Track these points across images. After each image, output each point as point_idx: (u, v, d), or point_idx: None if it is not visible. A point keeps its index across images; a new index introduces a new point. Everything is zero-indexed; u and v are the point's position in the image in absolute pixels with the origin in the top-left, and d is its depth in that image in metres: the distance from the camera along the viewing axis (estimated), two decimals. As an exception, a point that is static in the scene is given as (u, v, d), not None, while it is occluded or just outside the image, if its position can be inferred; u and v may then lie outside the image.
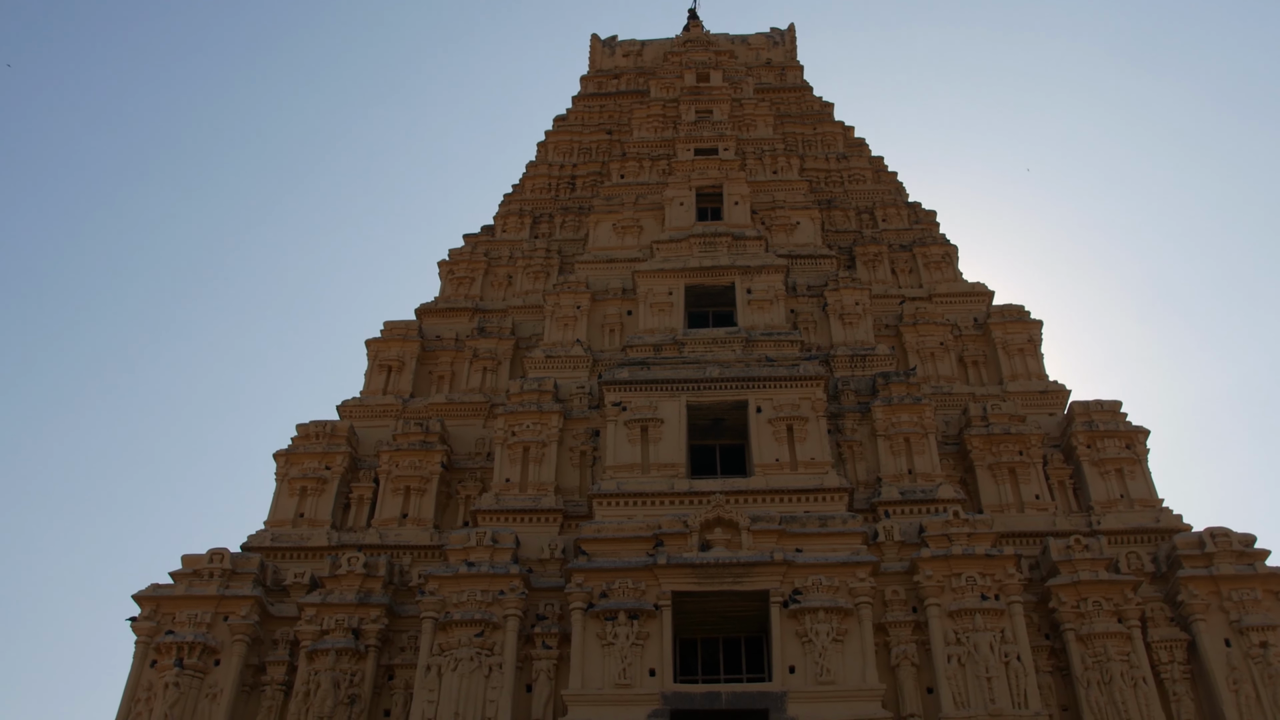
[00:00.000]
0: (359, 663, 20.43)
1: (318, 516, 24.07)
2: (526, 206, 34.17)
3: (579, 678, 19.10)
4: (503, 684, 19.23)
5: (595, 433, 24.25)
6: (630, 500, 21.94)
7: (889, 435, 23.64)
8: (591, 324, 27.77)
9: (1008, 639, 19.47)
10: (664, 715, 18.58)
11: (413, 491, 24.26)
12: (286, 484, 24.59)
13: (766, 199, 31.76)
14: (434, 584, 20.47)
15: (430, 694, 19.17)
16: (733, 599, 20.18)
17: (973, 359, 28.13)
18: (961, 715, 18.55)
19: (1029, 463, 24.12)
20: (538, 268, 30.93)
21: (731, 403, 23.71)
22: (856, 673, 19.06)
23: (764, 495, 21.92)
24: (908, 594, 20.49)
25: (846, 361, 26.14)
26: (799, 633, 19.56)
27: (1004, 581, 20.12)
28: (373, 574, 21.51)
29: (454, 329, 29.56)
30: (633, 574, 20.20)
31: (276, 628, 21.54)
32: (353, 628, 20.71)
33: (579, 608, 19.88)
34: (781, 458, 22.67)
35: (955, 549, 20.37)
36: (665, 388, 23.77)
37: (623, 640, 19.40)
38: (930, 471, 23.00)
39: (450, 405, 26.75)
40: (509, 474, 23.34)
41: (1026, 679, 18.99)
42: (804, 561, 20.20)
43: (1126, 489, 23.87)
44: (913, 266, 31.07)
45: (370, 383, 27.99)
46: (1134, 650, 19.95)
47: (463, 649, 19.57)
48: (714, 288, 27.60)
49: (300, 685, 20.10)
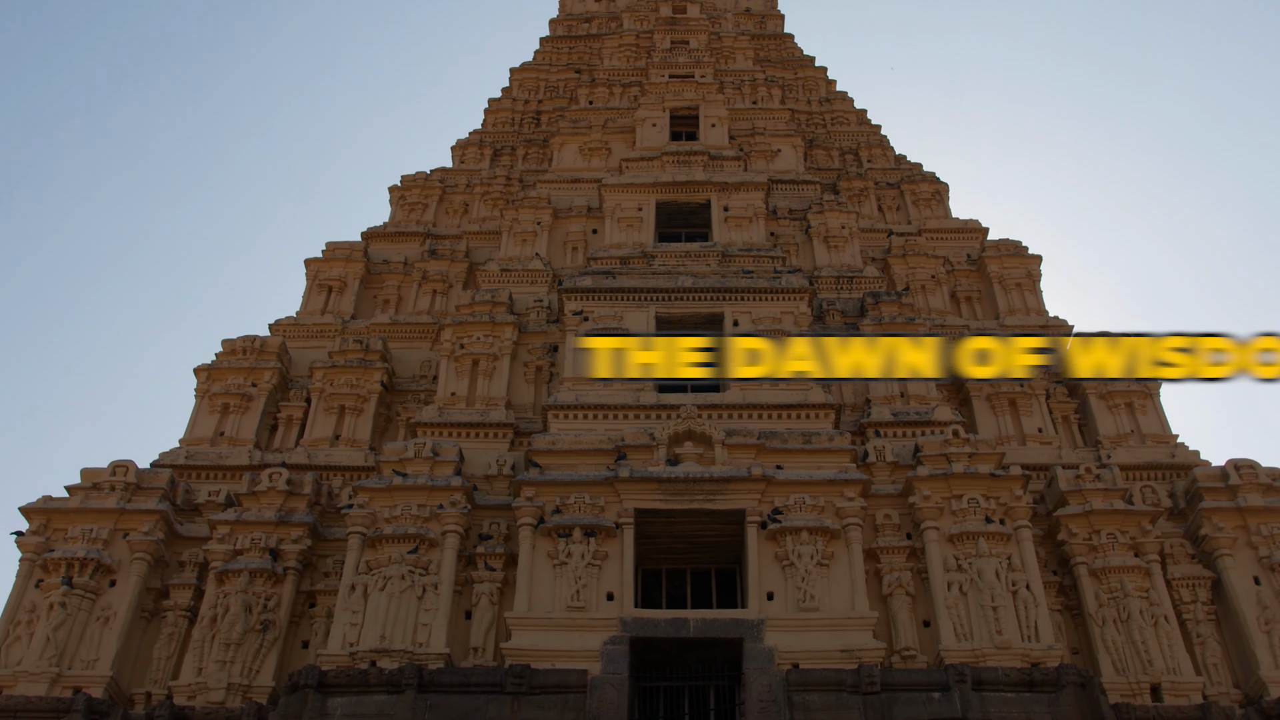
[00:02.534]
0: (275, 586, 17.84)
1: (240, 436, 21.44)
2: (487, 139, 31.59)
3: (525, 599, 16.61)
4: (438, 606, 16.71)
5: (553, 348, 21.78)
6: (590, 413, 19.47)
7: (879, 356, 21.28)
8: (553, 241, 25.30)
9: (1015, 566, 17.16)
10: (623, 643, 16.09)
11: (348, 411, 21.66)
12: (207, 400, 21.94)
13: (746, 125, 29.43)
14: (364, 496, 17.93)
15: (354, 615, 16.63)
16: (703, 520, 17.74)
17: (966, 294, 25.81)
18: (964, 648, 16.19)
19: (1031, 394, 21.82)
20: (496, 195, 28.36)
21: (705, 315, 21.31)
22: (844, 600, 16.67)
23: (740, 410, 19.51)
24: (901, 518, 18.12)
25: (832, 283, 23.81)
26: (779, 556, 17.14)
27: (1010, 505, 17.81)
28: (296, 492, 18.93)
29: (403, 253, 26.98)
30: (591, 488, 17.74)
31: (184, 549, 18.91)
32: (270, 548, 18.12)
33: (528, 524, 17.38)
34: (761, 373, 20.25)
35: (956, 468, 18.03)
36: (632, 297, 21.34)
37: (577, 560, 16.93)
38: (925, 393, 20.68)
39: (395, 326, 24.19)
40: (455, 388, 20.82)
41: (1038, 610, 16.67)
42: (785, 478, 17.81)
43: (1138, 424, 21.59)
44: (900, 204, 28.74)
45: (308, 303, 25.38)
46: (1154, 587, 17.69)
47: (394, 567, 17.03)
48: (688, 205, 25.21)
49: (206, 609, 17.49)
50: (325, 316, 24.65)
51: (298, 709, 15.07)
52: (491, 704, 15.05)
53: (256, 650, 17.12)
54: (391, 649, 16.14)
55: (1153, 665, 16.79)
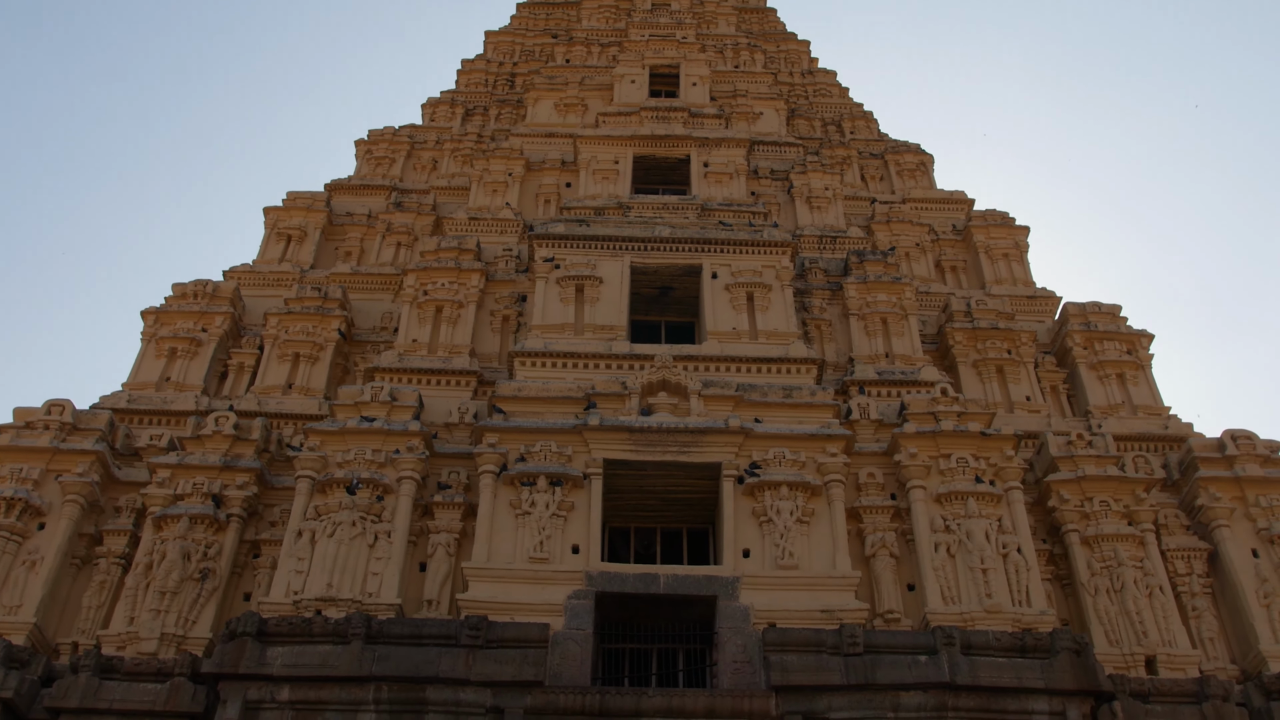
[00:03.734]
0: (217, 534, 16.62)
1: (187, 381, 20.18)
2: (459, 98, 30.39)
3: (485, 550, 15.50)
4: (391, 555, 15.57)
5: (521, 298, 20.67)
6: (559, 361, 18.37)
7: (863, 315, 20.35)
8: (525, 194, 24.19)
9: (1005, 529, 16.20)
10: (588, 598, 15.01)
11: (303, 359, 20.43)
12: (154, 344, 20.68)
13: (727, 88, 28.41)
14: (315, 439, 16.77)
15: (299, 563, 15.47)
16: (676, 474, 16.69)
17: (951, 264, 24.87)
18: (952, 612, 15.21)
19: (1019, 362, 20.88)
20: (467, 152, 27.16)
21: (683, 267, 20.24)
22: (825, 559, 15.66)
23: (718, 363, 18.48)
24: (886, 478, 17.14)
25: (814, 242, 22.83)
26: (756, 512, 16.11)
27: (1001, 466, 16.86)
28: (244, 437, 17.72)
29: (367, 206, 25.75)
30: (558, 436, 16.65)
31: (121, 494, 17.66)
32: (213, 494, 16.90)
33: (490, 471, 16.27)
34: (739, 327, 19.26)
35: (944, 426, 17.07)
36: (607, 245, 20.26)
37: (541, 510, 15.84)
38: (910, 354, 19.73)
39: (356, 276, 22.98)
40: (416, 334, 19.67)
41: (1029, 574, 15.73)
42: (764, 432, 16.78)
43: (1129, 395, 20.69)
44: (884, 174, 27.77)
45: (265, 252, 24.14)
46: (1148, 557, 16.77)
47: (344, 513, 15.90)
48: (667, 160, 24.17)
49: (142, 555, 16.26)
50: (283, 265, 23.43)
51: (234, 658, 13.89)
52: (445, 657, 13.92)
53: (194, 600, 15.91)
54: (339, 598, 15.01)
55: (1147, 637, 15.88)
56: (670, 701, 13.76)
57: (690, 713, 13.75)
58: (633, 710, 13.74)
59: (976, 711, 13.92)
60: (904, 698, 13.92)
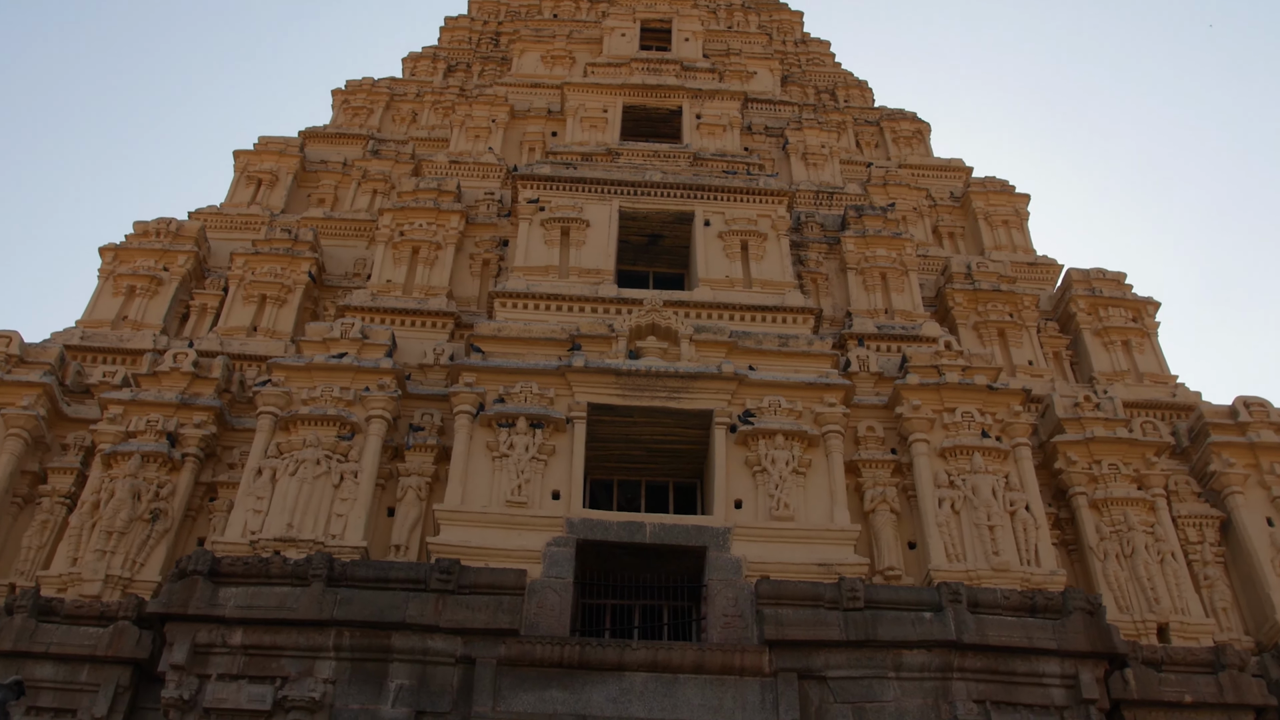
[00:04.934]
0: (171, 473, 15.48)
1: (145, 320, 19.02)
2: (441, 54, 29.25)
3: (458, 493, 14.42)
4: (357, 496, 14.48)
5: (503, 242, 19.60)
6: (541, 303, 17.32)
7: (861, 270, 19.38)
8: (508, 141, 23.14)
9: (1013, 486, 15.26)
10: (568, 545, 13.95)
11: (270, 301, 19.28)
12: (111, 281, 19.50)
13: (720, 47, 27.43)
14: (280, 374, 15.65)
15: (258, 502, 14.35)
16: (665, 421, 15.66)
17: (949, 230, 23.93)
18: (956, 569, 14.25)
19: (1021, 325, 19.95)
20: (448, 104, 26.06)
21: (674, 214, 19.22)
22: (822, 511, 14.67)
23: (710, 309, 17.47)
24: (886, 432, 16.17)
25: (810, 197, 21.86)
26: (749, 462, 15.10)
27: (1008, 421, 15.92)
28: (204, 375, 16.60)
29: (343, 155, 24.60)
30: (539, 377, 15.59)
31: (69, 431, 16.52)
32: (169, 432, 15.76)
33: (466, 412, 15.20)
34: (733, 275, 18.25)
35: (949, 378, 16.11)
36: (595, 189, 19.21)
37: (520, 453, 14.78)
38: (911, 310, 18.76)
39: (329, 221, 21.82)
40: (391, 275, 18.57)
41: (1038, 532, 14.78)
42: (759, 379, 15.79)
43: (1135, 363, 19.80)
44: (880, 141, 26.82)
45: (234, 195, 22.96)
46: (1159, 522, 15.87)
47: (308, 450, 14.79)
48: (658, 111, 23.14)
49: (88, 494, 15.11)
50: (252, 208, 22.27)
51: (183, 598, 12.76)
52: (412, 602, 12.84)
53: (143, 542, 14.78)
54: (300, 539, 13.91)
55: (1159, 604, 14.97)
56: (656, 655, 12.74)
57: (677, 667, 12.74)
58: (615, 663, 12.71)
59: (983, 674, 12.96)
60: (906, 656, 12.95)
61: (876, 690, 12.82)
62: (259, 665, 12.62)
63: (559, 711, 12.40)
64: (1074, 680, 12.97)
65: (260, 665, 12.62)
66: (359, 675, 12.64)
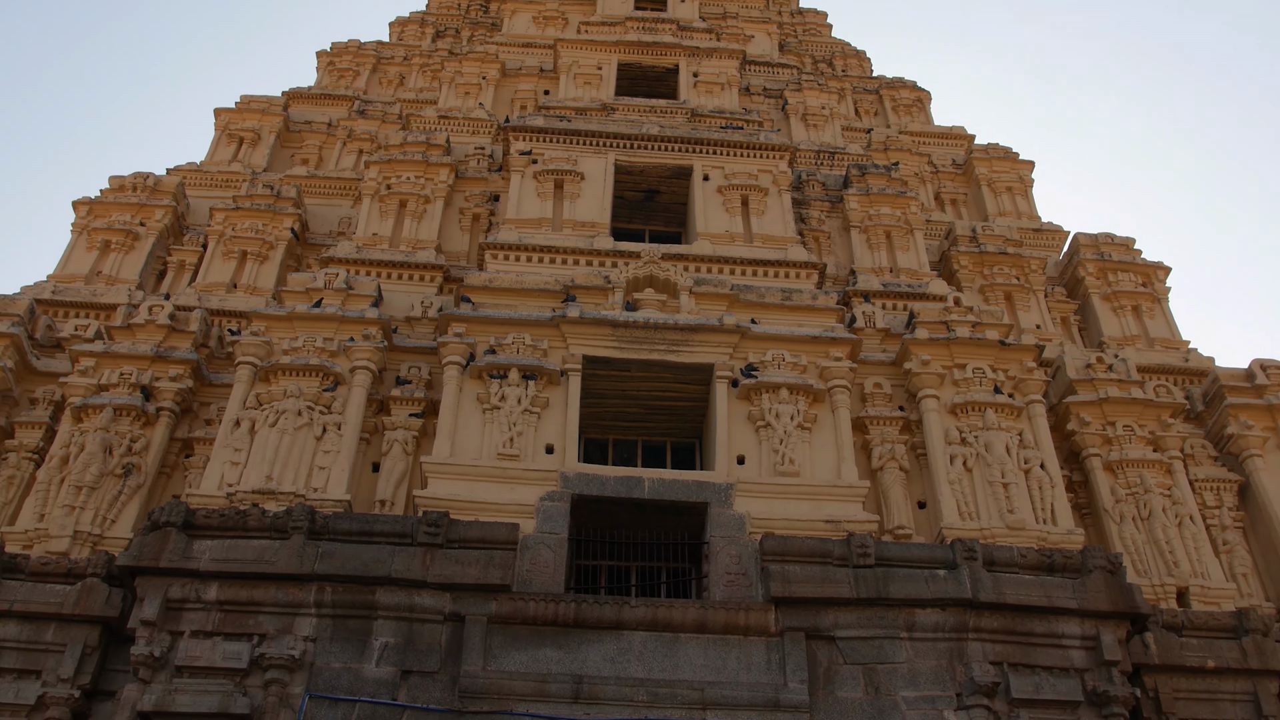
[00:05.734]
0: (145, 428, 14.73)
1: (120, 275, 18.24)
2: (430, 18, 28.45)
3: (447, 445, 13.70)
4: (340, 449, 13.75)
5: (494, 197, 18.87)
6: (534, 255, 16.61)
7: (865, 228, 18.71)
8: (499, 99, 22.41)
9: (1027, 443, 14.61)
10: (563, 500, 13.25)
11: (251, 258, 18.52)
12: (85, 236, 18.72)
13: (717, 10, 26.72)
14: (260, 323, 14.91)
15: (236, 454, 13.61)
16: (663, 376, 14.96)
17: (951, 196, 23.28)
18: (970, 528, 13.59)
19: (1028, 289, 19.29)
20: (436, 67, 25.28)
21: (672, 168, 18.52)
22: (829, 467, 13.99)
23: (710, 263, 16.78)
24: (894, 389, 15.50)
25: (811, 157, 21.16)
26: (753, 416, 14.41)
27: (1021, 378, 15.27)
28: (180, 329, 15.84)
29: (328, 115, 23.84)
30: (532, 328, 14.88)
31: (38, 385, 15.75)
32: (142, 385, 15.00)
33: (455, 363, 14.47)
34: (733, 230, 17.56)
35: (960, 333, 15.45)
36: (590, 141, 18.49)
37: (512, 405, 14.06)
38: (917, 269, 18.10)
39: (313, 179, 21.07)
40: (377, 229, 17.82)
41: (1054, 491, 14.14)
42: (762, 333, 15.10)
43: (1145, 328, 19.20)
44: (879, 109, 26.13)
45: (215, 154, 22.19)
46: (1176, 485, 15.25)
47: (289, 401, 14.05)
48: (654, 70, 22.40)
49: (58, 448, 14.35)
50: (233, 165, 21.49)
51: (155, 550, 12.01)
52: (398, 556, 12.12)
53: (115, 497, 14.03)
54: (279, 491, 13.17)
55: (1179, 568, 14.36)
56: (655, 613, 12.05)
57: (678, 626, 12.05)
58: (613, 621, 12.01)
59: (1000, 634, 12.30)
60: (920, 615, 12.28)
61: (888, 651, 12.16)
62: (235, 622, 11.89)
63: (553, 671, 11.70)
64: (1095, 642, 12.33)
65: (236, 622, 11.89)
66: (341, 633, 11.92)
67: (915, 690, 11.92)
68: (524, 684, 11.56)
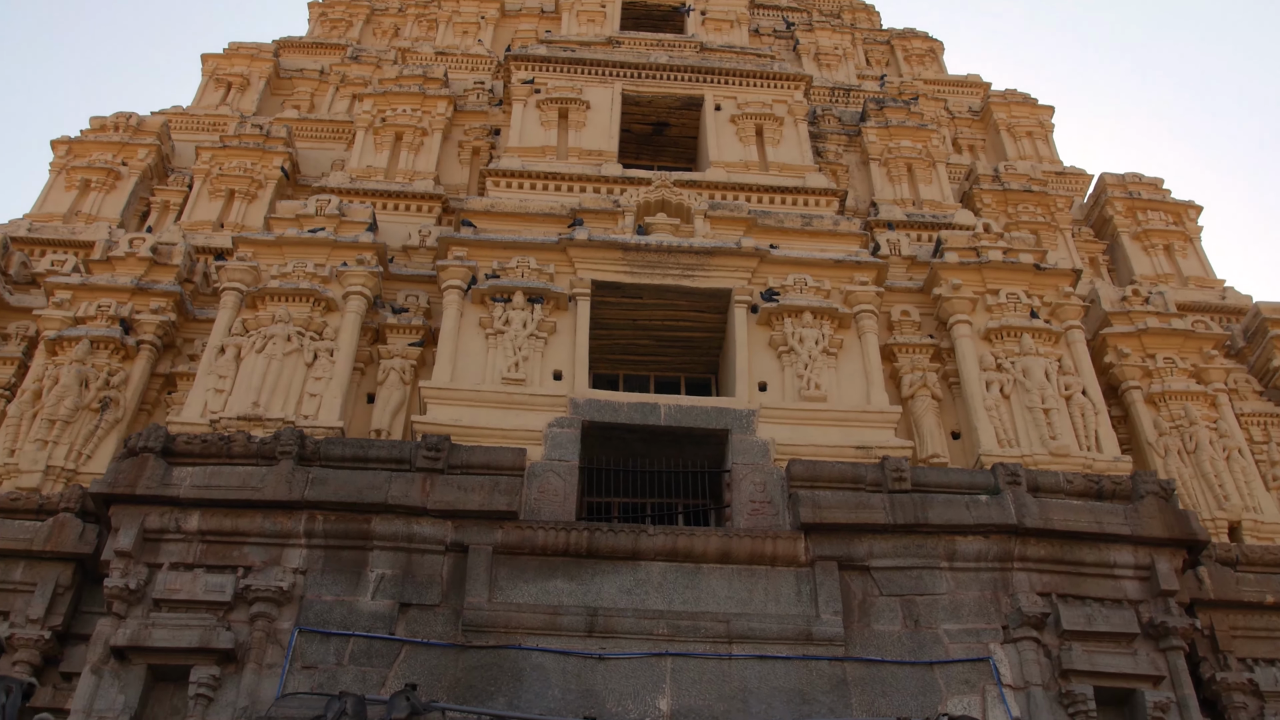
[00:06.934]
0: (124, 361, 13.77)
1: (101, 214, 17.29)
2: (427, -23, 27.48)
3: (447, 370, 12.74)
4: (333, 374, 12.80)
5: (495, 131, 17.91)
6: (539, 181, 15.66)
7: (885, 161, 17.80)
8: (499, 41, 21.46)
9: (1067, 369, 13.67)
10: (573, 426, 12.29)
11: (239, 197, 17.57)
12: (64, 175, 17.77)
13: (722, -44, 25.69)
14: (247, 249, 13.96)
15: (220, 381, 12.65)
16: (678, 303, 14.02)
17: (969, 143, 22.31)
18: (1010, 454, 12.64)
19: (1055, 227, 18.39)
20: (432, 16, 24.26)
21: (682, 98, 17.58)
22: (857, 393, 13.05)
23: (724, 190, 15.84)
24: (923, 317, 14.56)
25: (826, 94, 20.23)
26: (774, 342, 13.47)
27: (1057, 303, 14.34)
28: (163, 262, 14.89)
29: (320, 64, 22.85)
30: (537, 252, 13.92)
31: (11, 320, 14.78)
32: (122, 318, 14.04)
33: (455, 287, 13.51)
34: (748, 159, 16.62)
35: (991, 257, 14.52)
36: (595, 70, 17.55)
37: (517, 328, 13.10)
38: (940, 200, 17.16)
39: (305, 122, 20.09)
40: (372, 161, 16.87)
41: (1098, 418, 13.21)
42: (783, 256, 14.16)
43: (1178, 267, 18.29)
44: (891, 60, 25.17)
45: (202, 99, 21.21)
46: (1222, 418, 14.34)
47: (278, 326, 13.08)
48: (659, 8, 21.47)
49: (30, 382, 13.41)
50: (221, 109, 20.51)
51: (131, 477, 11.05)
52: (395, 481, 11.16)
53: (91, 432, 13.07)
54: (267, 418, 12.22)
55: (1229, 501, 13.44)
56: (675, 542, 11.09)
57: (699, 555, 11.10)
58: (629, 551, 11.06)
59: (1047, 563, 11.36)
60: (961, 544, 11.33)
61: (927, 582, 11.22)
62: (218, 554, 10.93)
63: (565, 603, 10.75)
64: (1149, 571, 11.40)
65: (220, 554, 10.93)
66: (334, 564, 10.96)
67: (958, 623, 10.99)
68: (533, 617, 10.61)
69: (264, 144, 18.26)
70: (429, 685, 10.14)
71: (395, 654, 10.44)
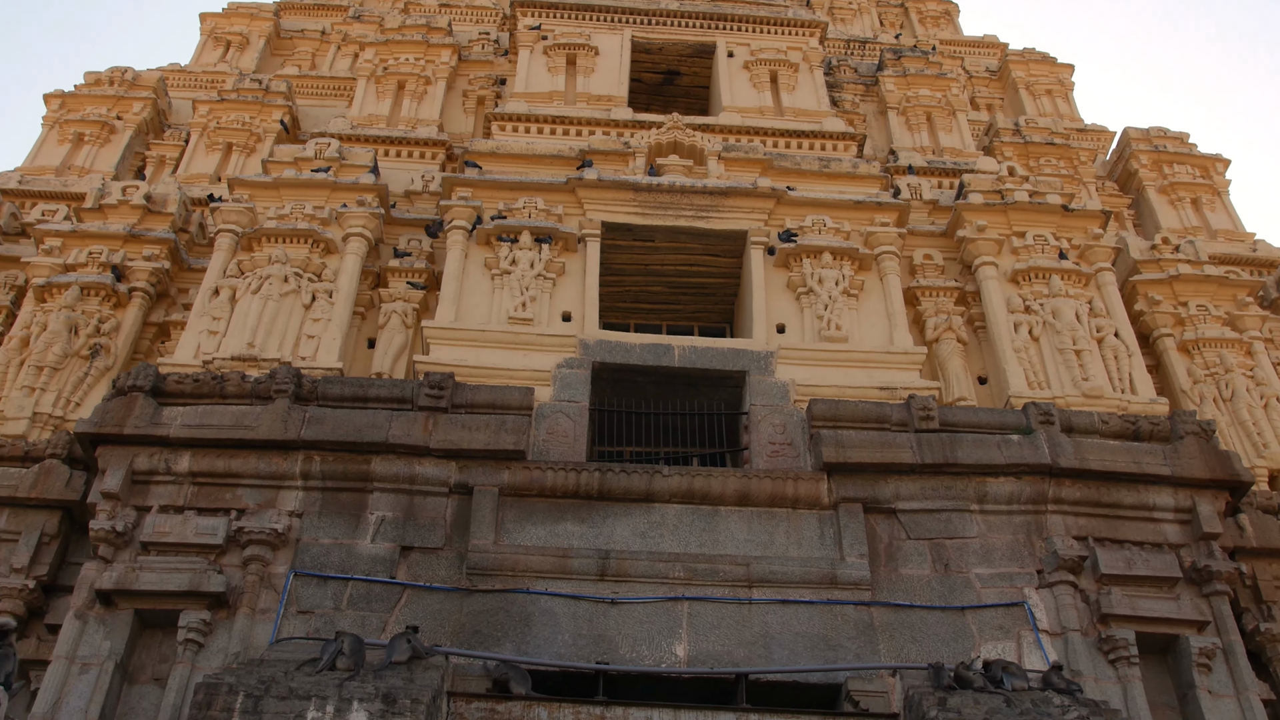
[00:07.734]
0: (115, 308, 13.25)
1: (94, 167, 16.75)
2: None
3: (451, 310, 12.18)
4: (332, 316, 12.24)
5: (501, 81, 17.34)
6: (546, 125, 15.11)
7: (903, 110, 17.24)
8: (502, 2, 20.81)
9: (1098, 311, 13.08)
10: (583, 367, 11.72)
11: (237, 150, 17.05)
12: (57, 129, 17.25)
13: (733, -84, 25.09)
14: (243, 190, 13.40)
15: (214, 323, 12.10)
16: (691, 246, 13.44)
17: (987, 102, 21.69)
18: (1041, 396, 12.05)
19: (1079, 180, 17.77)
20: (438, -20, 23.71)
21: (694, 45, 17.00)
22: (880, 334, 12.47)
23: (738, 134, 15.28)
24: (946, 261, 13.98)
25: (842, 46, 19.63)
26: (793, 283, 12.89)
27: (1086, 245, 13.73)
28: (157, 210, 14.36)
29: (320, 24, 22.30)
30: (545, 193, 13.35)
31: (1, 269, 14.24)
32: (114, 264, 13.50)
33: (460, 227, 12.95)
34: (763, 104, 16.03)
35: (1018, 198, 13.92)
36: (604, 16, 16.97)
37: (525, 268, 12.54)
38: (961, 148, 16.57)
39: (305, 79, 19.55)
40: (373, 109, 16.33)
41: (1132, 360, 12.63)
42: (801, 197, 13.58)
43: (1206, 220, 17.68)
44: (905, 22, 24.55)
45: (201, 57, 20.69)
46: (1259, 365, 13.76)
47: (275, 266, 12.52)
48: (668, -38, 20.77)
49: (18, 329, 12.91)
50: (220, 66, 19.97)
51: (119, 417, 10.50)
52: (397, 420, 10.59)
53: (80, 379, 12.56)
54: (263, 358, 11.68)
55: (1268, 449, 12.88)
56: (692, 483, 10.52)
57: (717, 497, 10.53)
58: (643, 492, 10.49)
59: (1083, 505, 10.77)
60: (992, 485, 10.74)
61: (957, 525, 10.64)
62: (210, 496, 10.39)
63: (575, 546, 10.19)
64: (1190, 514, 10.80)
65: (212, 496, 10.39)
66: (332, 506, 10.41)
67: (990, 567, 10.40)
68: (541, 559, 10.05)
69: (263, 98, 17.73)
70: (432, 630, 9.59)
71: (396, 599, 9.89)
